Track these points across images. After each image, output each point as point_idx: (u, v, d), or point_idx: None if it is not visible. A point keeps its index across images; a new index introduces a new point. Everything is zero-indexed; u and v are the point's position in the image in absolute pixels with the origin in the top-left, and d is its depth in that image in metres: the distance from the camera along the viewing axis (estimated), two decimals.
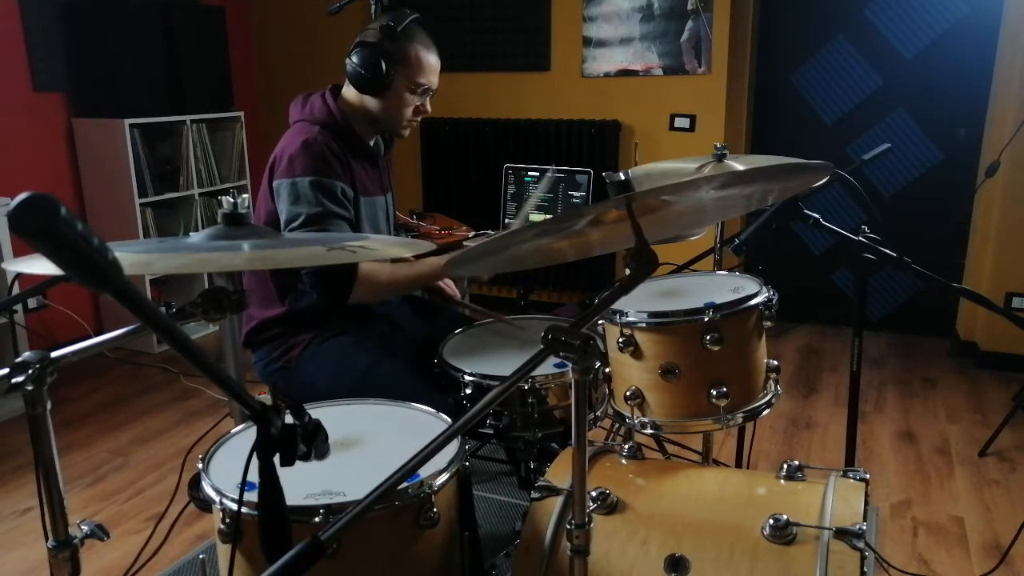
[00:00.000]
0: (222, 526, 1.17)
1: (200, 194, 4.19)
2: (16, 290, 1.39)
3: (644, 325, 1.57)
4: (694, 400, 1.57)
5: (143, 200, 3.91)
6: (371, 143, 2.02)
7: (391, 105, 1.93)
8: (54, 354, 0.98)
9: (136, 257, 1.03)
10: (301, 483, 1.17)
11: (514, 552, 1.32)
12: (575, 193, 3.12)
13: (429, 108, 2.00)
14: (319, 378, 1.87)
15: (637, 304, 1.61)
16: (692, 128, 3.97)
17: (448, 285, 2.18)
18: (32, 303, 3.59)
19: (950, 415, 3.17)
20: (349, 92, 1.95)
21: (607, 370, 1.70)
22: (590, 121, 4.16)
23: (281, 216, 1.85)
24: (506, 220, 3.28)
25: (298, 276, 1.89)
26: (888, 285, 4.11)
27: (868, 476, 1.31)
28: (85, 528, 1.06)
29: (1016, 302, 3.52)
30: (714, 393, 1.55)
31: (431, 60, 1.94)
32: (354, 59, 1.87)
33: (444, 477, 1.21)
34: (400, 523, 1.18)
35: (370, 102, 1.93)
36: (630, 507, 1.30)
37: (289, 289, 1.93)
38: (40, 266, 1.00)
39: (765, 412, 1.64)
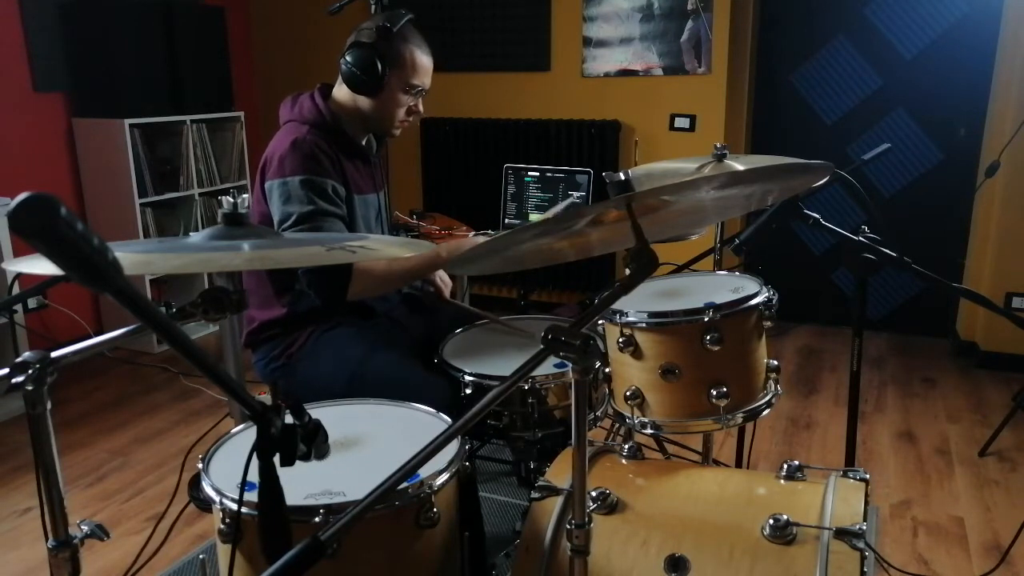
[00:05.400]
0: (222, 526, 1.17)
1: (200, 194, 4.19)
2: (16, 290, 1.39)
3: (644, 325, 1.57)
4: (694, 400, 1.57)
5: (143, 200, 3.91)
6: (363, 142, 2.02)
7: (384, 105, 1.93)
8: (54, 354, 0.98)
9: (136, 257, 1.03)
10: (301, 483, 1.17)
11: (514, 552, 1.32)
12: (575, 193, 3.12)
13: (421, 108, 2.01)
14: (320, 369, 1.87)
15: (637, 304, 1.61)
16: (692, 128, 3.97)
17: (444, 283, 2.18)
18: (32, 303, 3.59)
19: (950, 415, 3.17)
20: (341, 92, 1.95)
21: (607, 370, 1.70)
22: (590, 121, 4.16)
23: (274, 217, 1.84)
24: (505, 220, 3.28)
25: (295, 277, 1.89)
26: (888, 285, 4.11)
27: (868, 476, 1.31)
28: (85, 528, 1.06)
29: (1016, 302, 3.51)
30: (714, 393, 1.55)
31: (425, 61, 1.94)
32: (348, 58, 1.87)
33: (444, 477, 1.21)
34: (400, 523, 1.18)
35: (363, 102, 1.93)
36: (630, 507, 1.30)
37: (287, 290, 1.93)
38: (40, 266, 1.00)
39: (765, 412, 1.64)
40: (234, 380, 0.81)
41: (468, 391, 1.72)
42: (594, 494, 1.30)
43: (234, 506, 1.15)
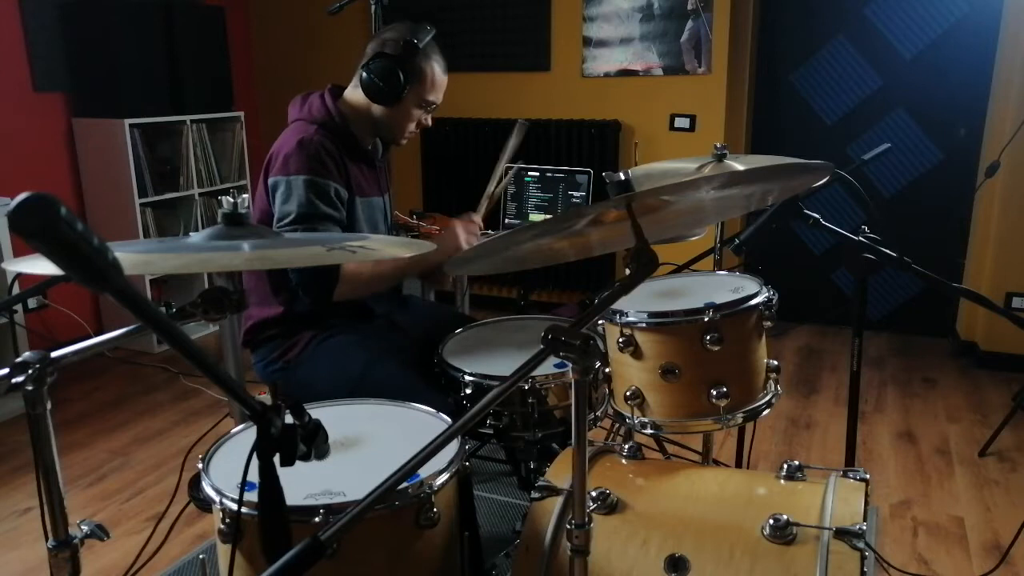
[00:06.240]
0: (222, 526, 1.17)
1: (200, 194, 4.19)
2: (16, 290, 1.39)
3: (644, 325, 1.57)
4: (694, 400, 1.57)
5: (143, 200, 3.91)
6: (369, 145, 2.03)
7: (397, 117, 1.95)
8: (54, 354, 0.99)
9: (136, 257, 1.03)
10: (301, 483, 1.17)
11: (514, 552, 1.32)
12: (575, 193, 3.12)
13: (430, 122, 2.04)
14: (319, 377, 1.87)
15: (637, 304, 1.61)
16: (692, 128, 3.97)
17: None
18: (32, 303, 3.59)
19: (950, 415, 3.17)
20: (355, 95, 1.95)
21: (607, 370, 1.70)
22: (590, 121, 4.16)
23: (274, 213, 1.85)
24: (505, 220, 3.28)
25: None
26: (888, 285, 4.11)
27: (868, 476, 1.31)
28: (85, 528, 1.06)
29: (1016, 302, 3.52)
30: (714, 393, 1.55)
31: (443, 79, 1.98)
32: (371, 67, 1.88)
33: (444, 477, 1.21)
34: (400, 523, 1.18)
35: (376, 109, 1.94)
36: (630, 507, 1.30)
37: (283, 288, 1.93)
38: (40, 266, 1.00)
39: (765, 412, 1.64)
40: (234, 380, 0.81)
41: (468, 391, 1.72)
42: (594, 494, 1.30)
43: (234, 506, 1.15)
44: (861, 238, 1.77)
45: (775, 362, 1.68)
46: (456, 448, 1.28)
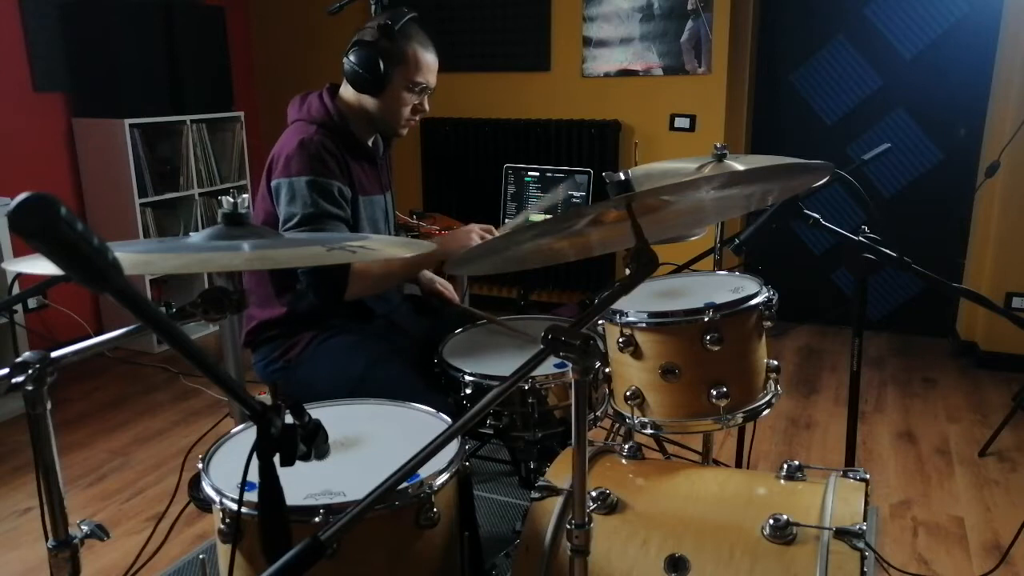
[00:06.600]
0: (222, 526, 1.17)
1: (200, 194, 4.19)
2: (16, 290, 1.39)
3: (644, 325, 1.57)
4: (694, 400, 1.57)
5: (143, 200, 3.91)
6: (369, 142, 2.02)
7: (389, 104, 1.93)
8: (54, 354, 0.99)
9: (136, 257, 1.03)
10: (301, 483, 1.17)
11: (514, 552, 1.32)
12: (575, 193, 3.12)
13: (428, 107, 2.00)
14: (319, 377, 1.87)
15: (637, 304, 1.61)
16: (692, 128, 3.97)
17: (446, 287, 2.18)
18: (32, 303, 3.59)
19: (950, 415, 3.17)
20: (347, 91, 1.95)
21: (607, 370, 1.70)
22: (590, 121, 4.16)
23: (279, 216, 1.85)
24: (505, 220, 3.28)
25: (296, 276, 1.89)
26: (888, 285, 4.11)
27: (868, 476, 1.31)
28: (85, 528, 1.07)
29: (1016, 302, 3.52)
30: (714, 393, 1.55)
31: (428, 59, 1.93)
32: (351, 58, 1.87)
33: (444, 477, 1.21)
34: (400, 523, 1.18)
35: (368, 101, 1.93)
36: (630, 507, 1.30)
37: (287, 289, 1.93)
38: (40, 266, 1.00)
39: (765, 412, 1.64)
40: (234, 380, 0.81)
41: (468, 391, 1.72)
42: (594, 494, 1.30)
43: (234, 506, 1.15)
44: (861, 238, 1.77)
45: (775, 362, 1.68)
46: (456, 448, 1.27)
